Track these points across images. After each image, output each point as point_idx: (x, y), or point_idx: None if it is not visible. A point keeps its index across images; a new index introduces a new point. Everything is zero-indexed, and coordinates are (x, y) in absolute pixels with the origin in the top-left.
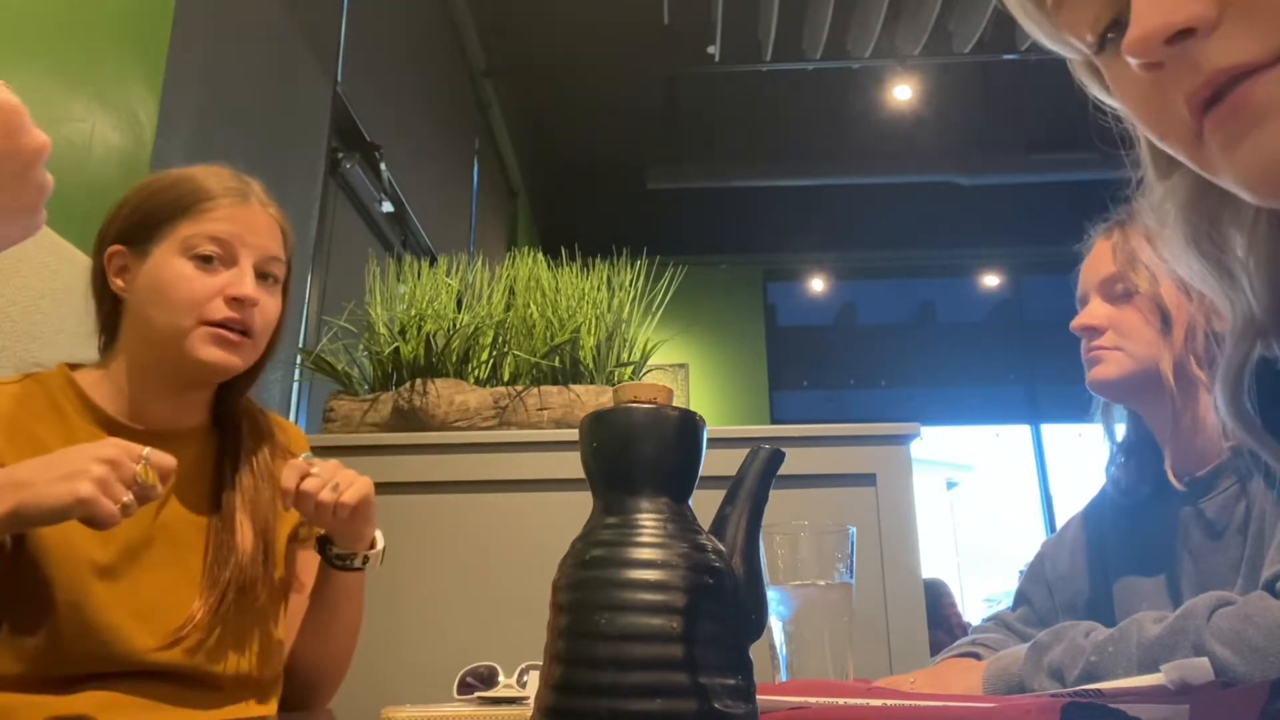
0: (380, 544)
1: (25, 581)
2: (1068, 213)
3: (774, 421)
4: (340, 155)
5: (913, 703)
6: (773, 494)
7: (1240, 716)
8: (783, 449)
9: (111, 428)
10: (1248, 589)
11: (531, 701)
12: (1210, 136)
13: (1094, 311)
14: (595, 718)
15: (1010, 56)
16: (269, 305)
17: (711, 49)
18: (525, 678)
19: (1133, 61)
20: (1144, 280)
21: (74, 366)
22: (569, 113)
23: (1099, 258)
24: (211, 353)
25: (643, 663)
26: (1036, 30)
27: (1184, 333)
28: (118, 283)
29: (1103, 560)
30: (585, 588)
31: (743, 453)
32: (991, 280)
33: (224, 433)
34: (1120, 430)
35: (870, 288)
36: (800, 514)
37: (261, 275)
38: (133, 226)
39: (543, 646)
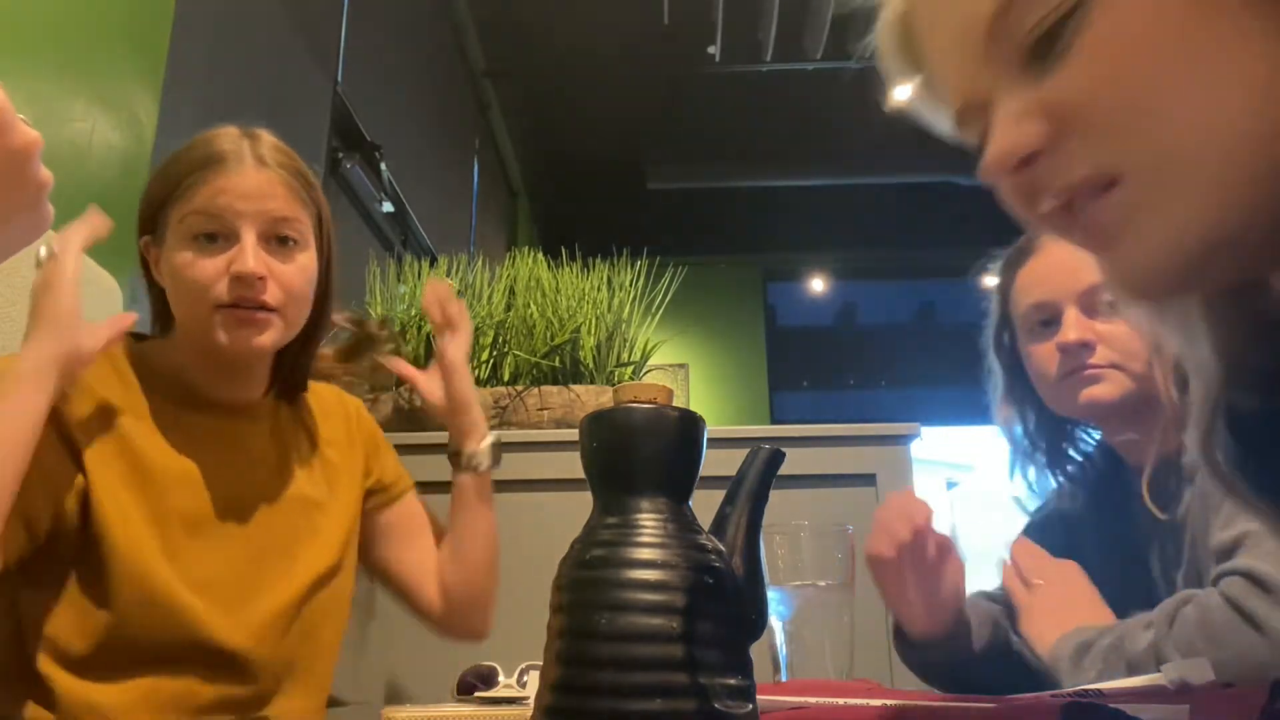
0: (489, 439)
1: (93, 558)
2: None
3: (774, 421)
4: (340, 155)
5: (914, 703)
6: (773, 494)
7: (1240, 716)
8: (783, 449)
9: (175, 400)
10: (1189, 572)
11: (531, 701)
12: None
13: (1084, 324)
14: (595, 718)
15: None
16: (287, 272)
17: (711, 49)
18: (525, 678)
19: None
20: None
21: (138, 338)
22: (569, 113)
23: (1071, 264)
24: (232, 337)
25: (643, 663)
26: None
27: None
28: (155, 273)
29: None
30: (585, 588)
31: (743, 453)
32: (992, 280)
33: (293, 409)
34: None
35: (870, 288)
36: (800, 514)
37: (278, 239)
38: (146, 216)
39: (543, 646)
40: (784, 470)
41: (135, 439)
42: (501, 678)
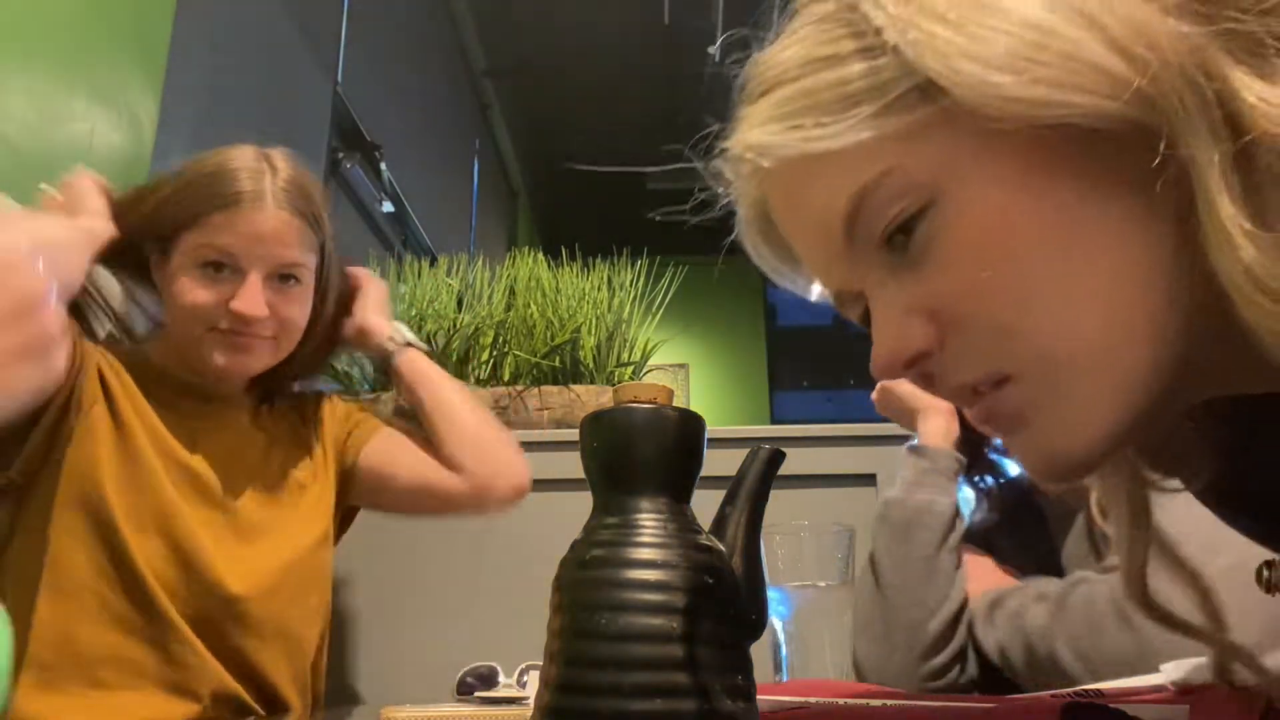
0: (392, 328)
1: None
2: None
3: (774, 421)
4: (340, 155)
5: (914, 703)
6: (773, 494)
7: (1240, 716)
8: (783, 449)
9: (167, 389)
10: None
11: (531, 701)
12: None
13: None
14: (595, 718)
15: None
16: (285, 308)
17: (711, 49)
18: (525, 678)
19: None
20: None
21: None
22: (569, 113)
23: None
24: (226, 360)
25: (643, 663)
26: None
27: None
28: (155, 276)
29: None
30: (585, 588)
31: (743, 453)
32: None
33: (273, 406)
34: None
35: None
36: (800, 514)
37: (281, 277)
38: (156, 233)
39: (543, 646)
40: (784, 470)
41: (138, 415)
42: (501, 678)
